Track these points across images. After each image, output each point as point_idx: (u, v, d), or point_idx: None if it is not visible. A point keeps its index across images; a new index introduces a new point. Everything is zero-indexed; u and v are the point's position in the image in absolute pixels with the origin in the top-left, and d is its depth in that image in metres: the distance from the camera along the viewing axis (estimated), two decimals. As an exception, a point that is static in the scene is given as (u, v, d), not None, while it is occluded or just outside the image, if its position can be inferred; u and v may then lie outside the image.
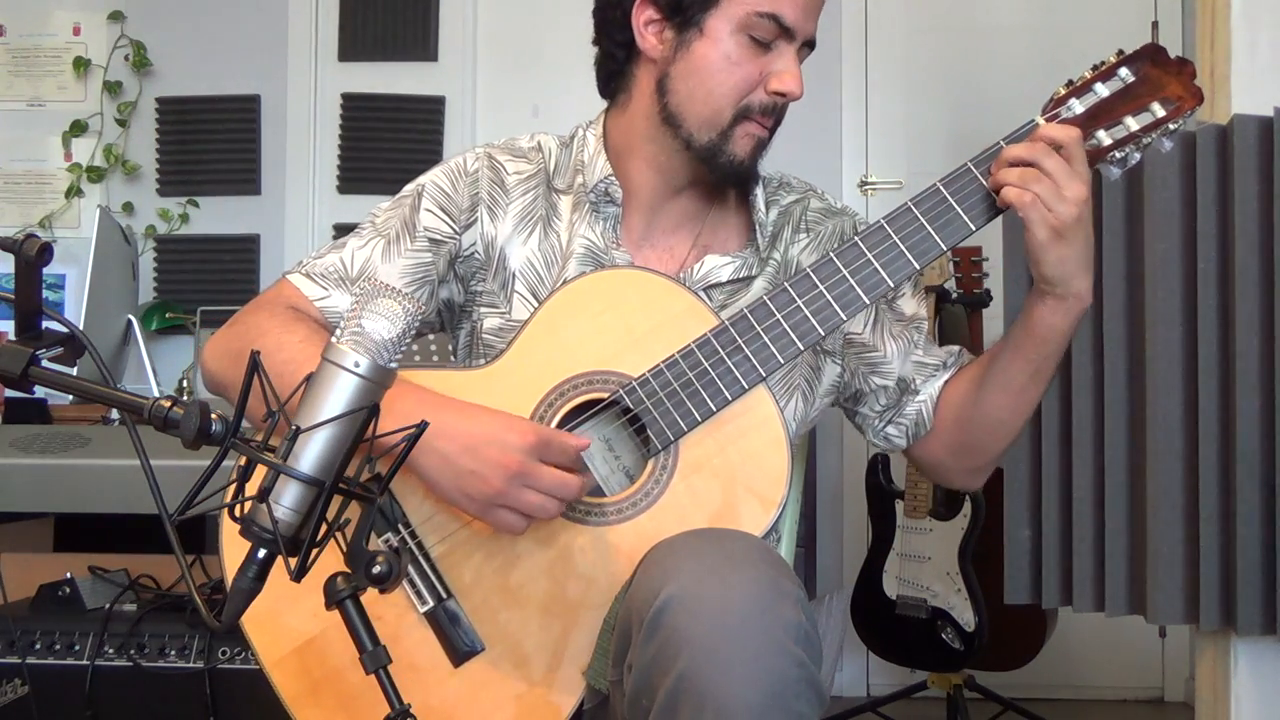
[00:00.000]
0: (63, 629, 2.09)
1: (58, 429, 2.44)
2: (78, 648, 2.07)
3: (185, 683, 2.04)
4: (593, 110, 1.50)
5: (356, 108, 3.76)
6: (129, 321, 3.02)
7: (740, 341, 1.29)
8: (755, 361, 1.29)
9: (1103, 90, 1.30)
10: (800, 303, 1.30)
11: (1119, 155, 1.30)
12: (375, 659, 0.98)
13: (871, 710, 3.04)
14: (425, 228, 1.42)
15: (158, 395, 1.03)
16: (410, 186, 1.46)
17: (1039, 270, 1.28)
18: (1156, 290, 2.07)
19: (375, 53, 3.77)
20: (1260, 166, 2.01)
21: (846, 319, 1.30)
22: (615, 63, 1.44)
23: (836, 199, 1.54)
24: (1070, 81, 1.31)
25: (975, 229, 1.31)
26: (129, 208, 3.72)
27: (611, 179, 1.42)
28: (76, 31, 3.77)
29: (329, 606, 0.99)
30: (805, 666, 1.06)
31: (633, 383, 1.29)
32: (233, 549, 1.28)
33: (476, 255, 1.44)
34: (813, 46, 1.39)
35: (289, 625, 1.27)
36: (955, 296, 2.84)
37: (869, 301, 1.30)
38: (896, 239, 1.30)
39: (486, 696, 1.25)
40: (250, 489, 0.95)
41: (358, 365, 0.94)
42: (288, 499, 0.94)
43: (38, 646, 2.08)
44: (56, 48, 3.77)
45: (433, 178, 1.46)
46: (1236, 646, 2.09)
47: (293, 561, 0.93)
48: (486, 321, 1.43)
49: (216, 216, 3.74)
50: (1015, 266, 2.20)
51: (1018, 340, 1.35)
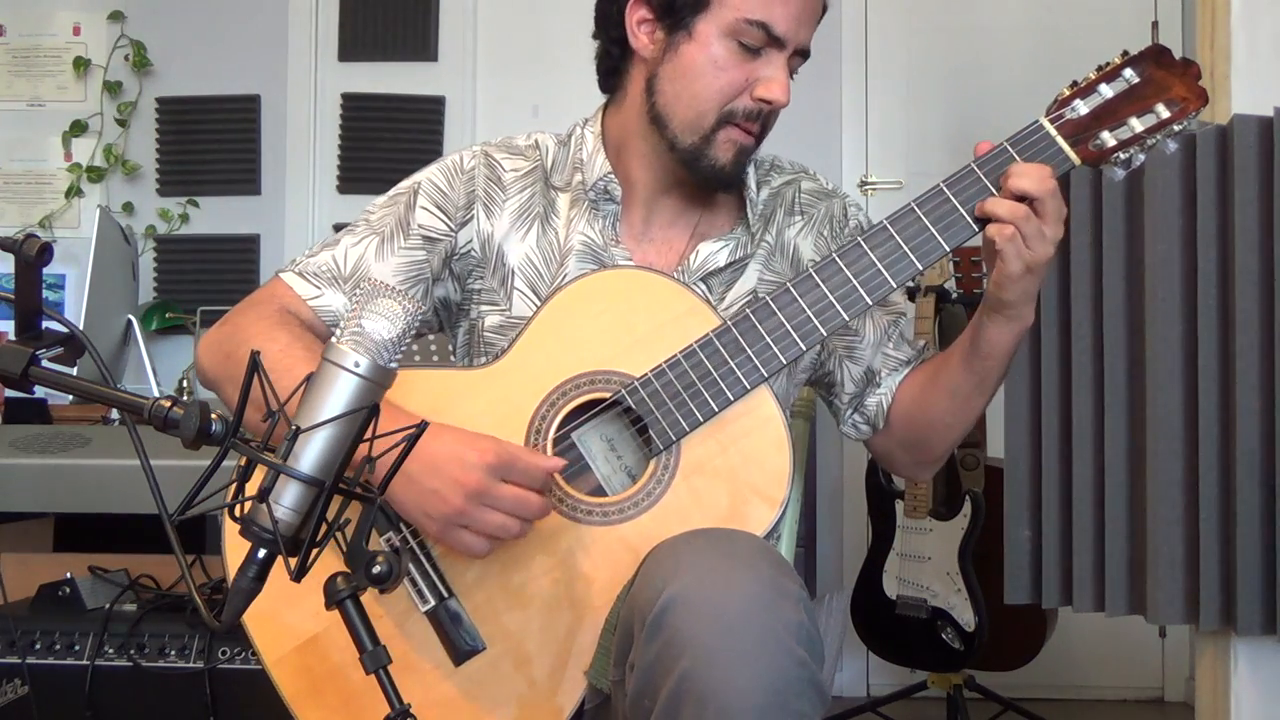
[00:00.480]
0: (63, 629, 2.09)
1: (58, 429, 2.44)
2: (78, 648, 2.07)
3: (185, 683, 2.04)
4: (592, 110, 1.50)
5: (356, 108, 3.76)
6: (129, 321, 3.02)
7: (742, 341, 1.29)
8: (757, 361, 1.29)
9: (1107, 91, 1.30)
10: (802, 302, 1.30)
11: (1123, 156, 1.30)
12: (375, 659, 0.97)
13: (871, 710, 3.04)
14: (420, 225, 1.42)
15: (158, 395, 1.03)
16: (406, 183, 1.46)
17: (1000, 295, 1.30)
18: (1156, 290, 2.07)
19: (375, 53, 3.77)
20: (1260, 166, 2.01)
21: (849, 319, 1.31)
22: (611, 59, 1.44)
23: (827, 180, 1.54)
24: (1075, 82, 1.31)
25: (978, 231, 1.31)
26: (129, 208, 3.72)
27: (610, 177, 1.42)
28: (76, 31, 3.77)
29: (329, 607, 0.99)
30: (807, 666, 1.06)
31: (635, 382, 1.29)
32: (235, 549, 1.27)
33: (473, 253, 1.44)
34: (806, 56, 1.38)
35: (290, 623, 1.27)
36: (955, 296, 2.84)
37: (871, 302, 1.30)
38: (899, 239, 1.30)
39: (487, 696, 1.25)
40: (250, 489, 0.95)
41: (358, 365, 0.94)
42: (288, 499, 0.94)
43: (38, 646, 2.08)
44: (56, 48, 3.77)
45: (429, 175, 1.45)
46: (1236, 646, 2.09)
47: (293, 561, 0.93)
48: (487, 319, 1.43)
49: (216, 216, 3.74)
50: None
51: (965, 353, 1.38)
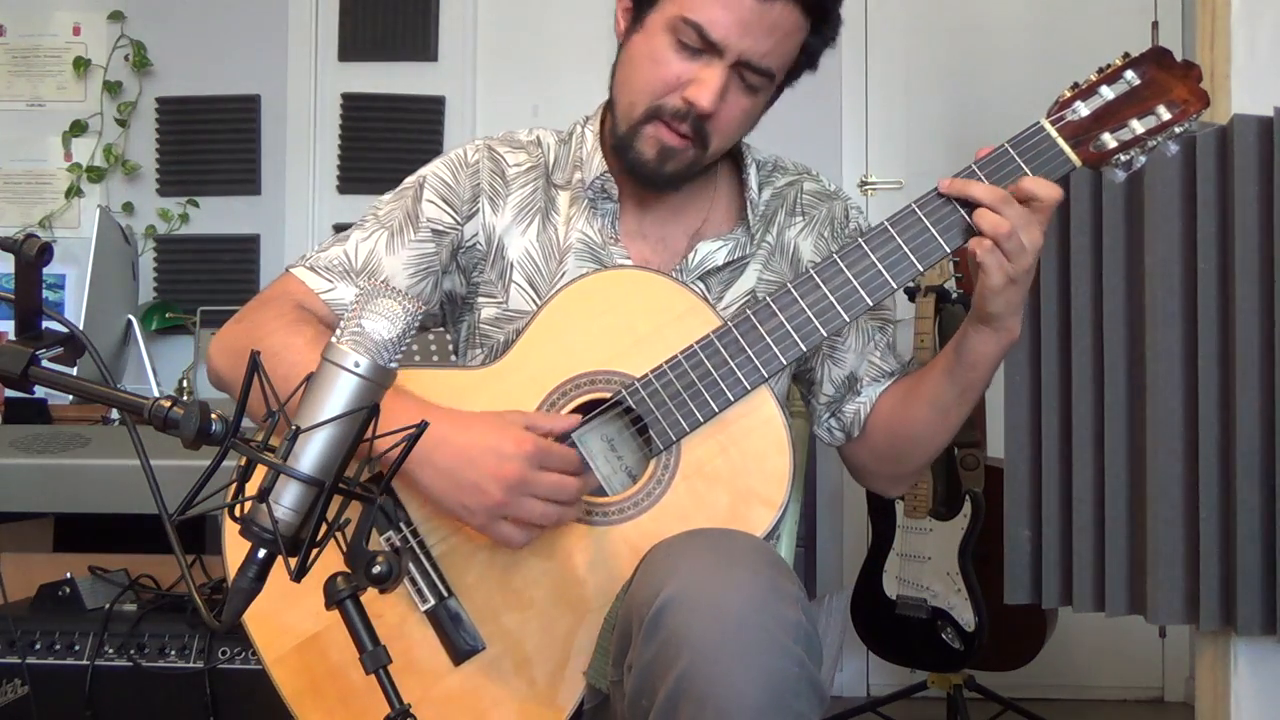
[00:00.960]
0: (63, 629, 2.09)
1: (58, 429, 2.44)
2: (78, 648, 2.07)
3: (185, 683, 2.04)
4: (593, 109, 1.50)
5: (356, 108, 3.76)
6: (129, 321, 3.02)
7: (743, 342, 1.29)
8: (758, 362, 1.29)
9: (1108, 93, 1.30)
10: (803, 304, 1.30)
11: (1124, 158, 1.30)
12: (375, 659, 0.98)
13: (871, 710, 3.04)
14: (428, 218, 1.43)
15: (158, 395, 1.03)
16: (411, 178, 1.47)
17: (985, 308, 1.30)
18: (1156, 290, 2.07)
19: (375, 53, 3.77)
20: (1260, 166, 2.01)
21: (849, 320, 1.30)
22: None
23: (830, 181, 1.54)
24: (1076, 84, 1.31)
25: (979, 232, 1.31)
26: (129, 208, 3.72)
27: (607, 175, 1.42)
28: (76, 31, 3.77)
29: (329, 607, 0.99)
30: (805, 666, 1.06)
31: (635, 383, 1.29)
32: (236, 549, 1.27)
33: (478, 246, 1.45)
34: (761, 74, 1.32)
35: (290, 622, 1.27)
36: (955, 296, 2.84)
37: (872, 303, 1.30)
38: (900, 241, 1.30)
39: (487, 695, 1.25)
40: (250, 489, 0.95)
41: (358, 365, 0.94)
42: (288, 499, 0.94)
43: (38, 646, 2.08)
44: (56, 48, 3.77)
45: (434, 169, 1.46)
46: (1236, 646, 2.09)
47: (293, 561, 0.93)
48: (483, 311, 1.44)
49: (216, 216, 3.74)
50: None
51: (949, 363, 1.38)
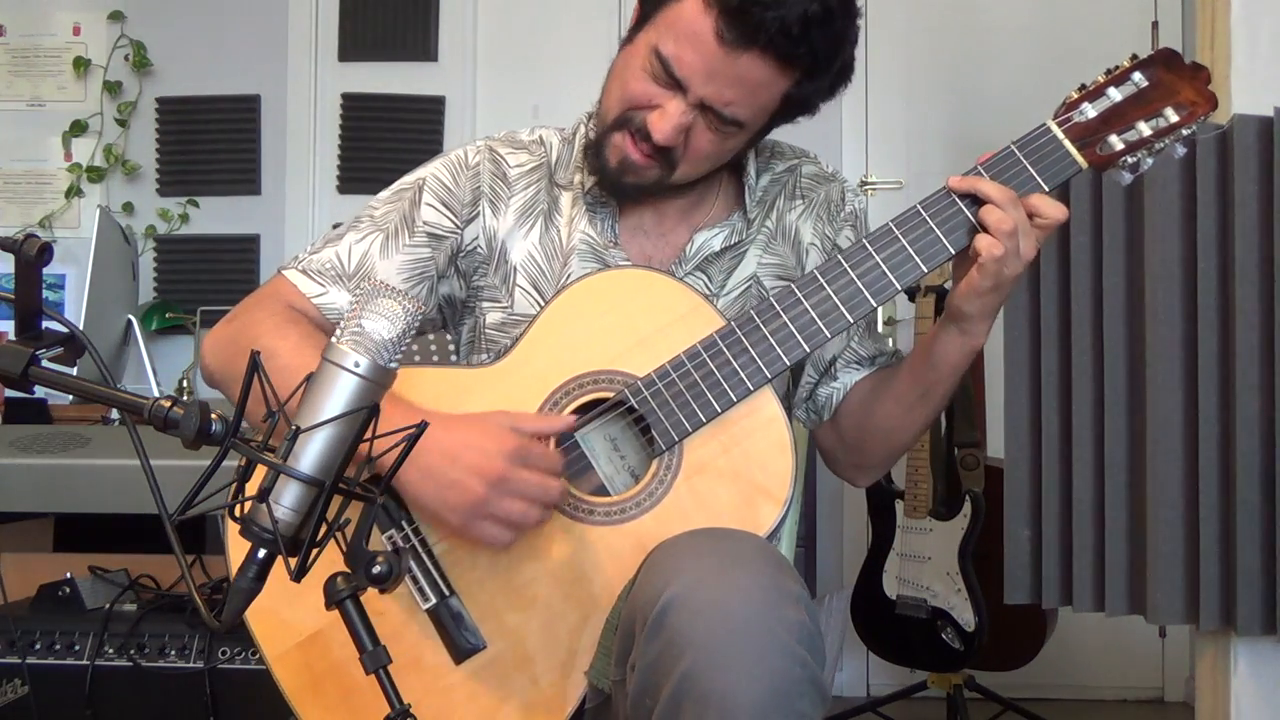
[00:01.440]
0: (63, 629, 2.09)
1: (58, 429, 2.44)
2: (78, 648, 2.07)
3: (185, 683, 2.04)
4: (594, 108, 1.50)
5: (356, 108, 3.76)
6: (129, 321, 3.02)
7: (746, 343, 1.29)
8: (761, 363, 1.29)
9: (1115, 94, 1.29)
10: (807, 305, 1.30)
11: (1130, 160, 1.29)
12: (375, 659, 0.97)
13: (871, 710, 3.04)
14: (426, 222, 1.42)
15: (158, 395, 1.03)
16: (410, 179, 1.45)
17: (961, 306, 1.31)
18: (1156, 290, 2.07)
19: (375, 53, 3.77)
20: (1260, 166, 2.01)
21: (853, 321, 1.30)
22: None
23: (828, 164, 1.54)
24: (1083, 85, 1.30)
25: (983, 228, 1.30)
26: (129, 208, 3.72)
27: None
28: (76, 31, 3.77)
29: (329, 607, 0.99)
30: (808, 666, 1.06)
31: (638, 382, 1.29)
32: (239, 549, 1.27)
33: (479, 250, 1.44)
34: (727, 121, 1.30)
35: (292, 620, 1.27)
36: (952, 296, 2.84)
37: (876, 305, 1.30)
38: (904, 242, 1.29)
39: (488, 694, 1.25)
40: (250, 489, 0.95)
41: (358, 365, 0.94)
42: (288, 499, 0.94)
43: (38, 646, 2.08)
44: (56, 48, 3.77)
45: (433, 171, 1.45)
46: (1236, 646, 2.09)
47: (293, 561, 0.93)
48: (488, 316, 1.43)
49: (216, 216, 3.74)
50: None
51: (914, 361, 1.40)
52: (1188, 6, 3.53)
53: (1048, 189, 1.29)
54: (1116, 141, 1.29)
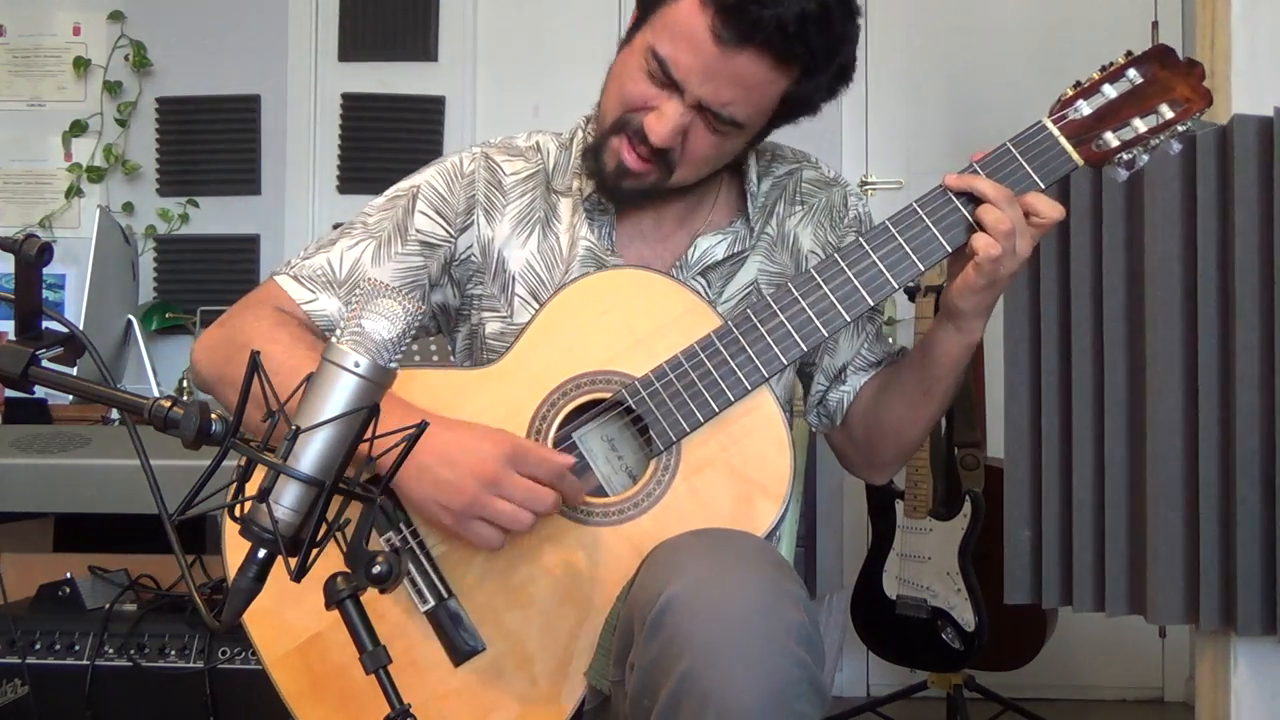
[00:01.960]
0: (63, 629, 2.09)
1: (58, 429, 2.44)
2: (78, 648, 2.07)
3: (185, 683, 2.04)
4: (592, 110, 1.50)
5: (356, 108, 3.76)
6: (129, 321, 3.02)
7: (743, 342, 1.29)
8: (758, 362, 1.29)
9: (1110, 92, 1.29)
10: (804, 303, 1.30)
11: (1126, 157, 1.30)
12: (375, 659, 0.97)
13: (871, 710, 3.04)
14: (419, 230, 1.42)
15: (158, 395, 1.03)
16: (404, 185, 1.45)
17: (956, 304, 1.31)
18: (1156, 290, 2.07)
19: (375, 53, 3.77)
20: (1260, 166, 2.01)
21: (850, 320, 1.30)
22: None
23: (829, 168, 1.53)
24: (1078, 83, 1.31)
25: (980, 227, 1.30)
26: (129, 208, 3.72)
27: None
28: (76, 31, 3.77)
29: (329, 607, 0.99)
30: (807, 667, 1.06)
31: (635, 383, 1.29)
32: (236, 549, 1.27)
33: (473, 259, 1.43)
34: (725, 122, 1.29)
35: (291, 622, 1.27)
36: (948, 292, 2.84)
37: (872, 303, 1.30)
38: (901, 240, 1.29)
39: (487, 696, 1.25)
40: (250, 489, 0.95)
41: (358, 365, 0.94)
42: (288, 499, 0.94)
43: (38, 646, 2.08)
44: (56, 48, 3.77)
45: (428, 178, 1.44)
46: (1236, 646, 2.09)
47: (293, 561, 0.93)
48: (488, 326, 1.43)
49: (216, 216, 3.74)
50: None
51: (915, 358, 1.41)
52: (1188, 6, 3.53)
53: (1044, 186, 1.29)
54: (1112, 138, 1.29)
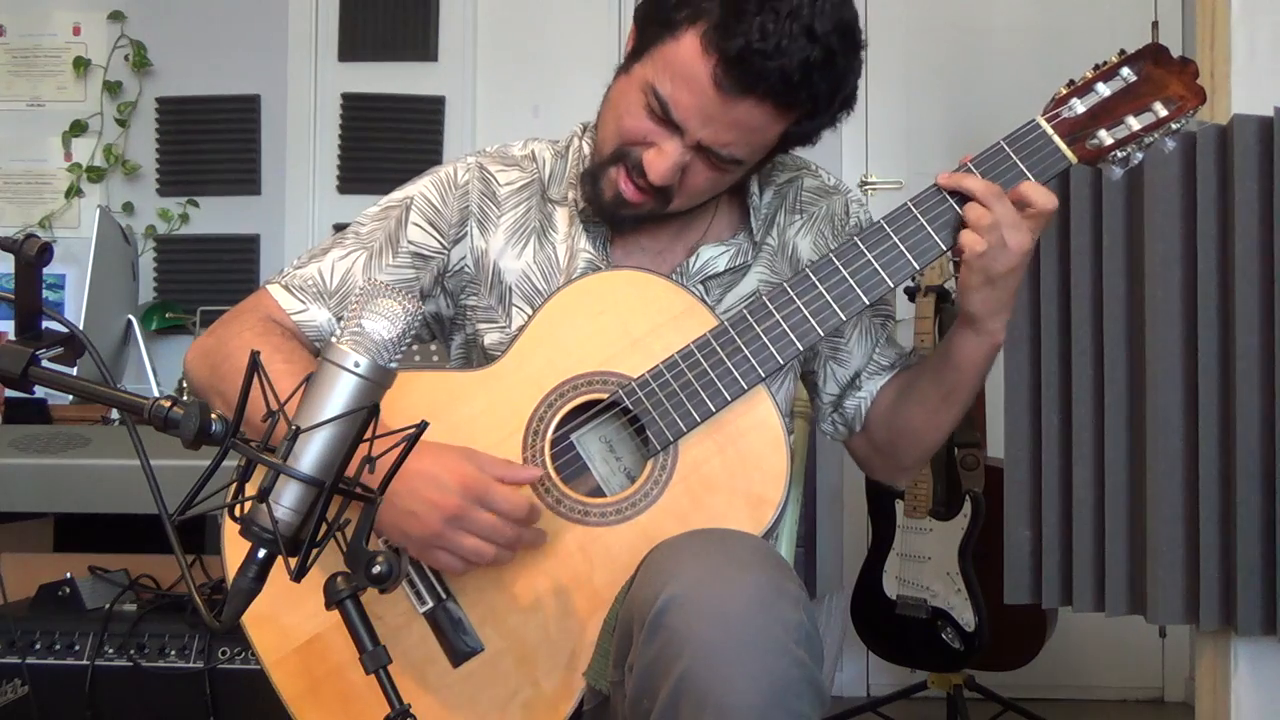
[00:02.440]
0: (63, 629, 2.09)
1: (58, 429, 2.44)
2: (78, 648, 2.07)
3: (185, 683, 2.04)
4: (592, 110, 1.49)
5: (356, 108, 3.76)
6: (129, 321, 3.01)
7: (739, 342, 1.29)
8: (754, 362, 1.29)
9: (1104, 90, 1.30)
10: (799, 303, 1.30)
11: (1120, 155, 1.30)
12: (375, 659, 0.98)
13: (871, 710, 3.04)
14: (411, 242, 1.41)
15: (158, 395, 1.03)
16: (398, 195, 1.44)
17: (966, 306, 1.31)
18: (1156, 290, 2.07)
19: (375, 53, 3.77)
20: (1260, 166, 2.01)
21: (846, 319, 1.30)
22: None
23: (830, 175, 1.52)
24: (1071, 81, 1.31)
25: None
26: (129, 208, 3.72)
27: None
28: (76, 31, 3.77)
29: (329, 606, 0.99)
30: (806, 667, 1.06)
31: (632, 383, 1.29)
32: (235, 549, 1.28)
33: (466, 270, 1.43)
34: (726, 160, 1.28)
35: (290, 624, 1.27)
36: (955, 296, 2.84)
37: (868, 302, 1.30)
38: (896, 239, 1.30)
39: (486, 696, 1.25)
40: (250, 489, 0.95)
41: (358, 365, 0.94)
42: (288, 499, 0.94)
43: (38, 646, 2.08)
44: (56, 48, 3.77)
45: (421, 189, 1.44)
46: (1236, 646, 2.09)
47: (293, 561, 0.93)
48: (486, 337, 1.43)
49: (216, 216, 3.74)
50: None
51: (935, 363, 1.39)
52: (1188, 6, 3.53)
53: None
54: (1105, 136, 1.29)
